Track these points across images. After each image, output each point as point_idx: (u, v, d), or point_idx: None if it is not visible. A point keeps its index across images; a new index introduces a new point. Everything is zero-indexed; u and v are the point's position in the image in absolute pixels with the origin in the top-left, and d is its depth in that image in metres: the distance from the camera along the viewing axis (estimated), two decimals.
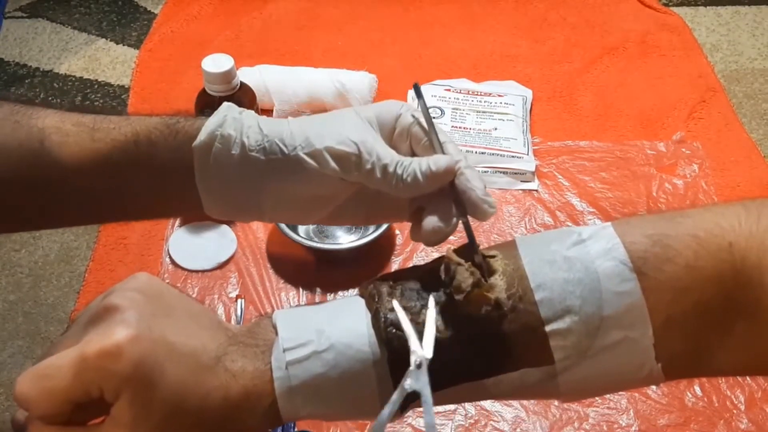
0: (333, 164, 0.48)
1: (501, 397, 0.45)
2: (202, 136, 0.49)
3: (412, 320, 0.43)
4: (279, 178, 0.50)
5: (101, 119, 0.53)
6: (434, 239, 0.48)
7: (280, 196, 0.51)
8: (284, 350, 0.42)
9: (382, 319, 0.43)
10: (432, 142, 0.50)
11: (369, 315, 0.44)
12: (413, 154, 0.51)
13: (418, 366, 0.41)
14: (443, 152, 0.50)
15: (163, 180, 0.51)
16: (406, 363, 0.42)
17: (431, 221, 0.48)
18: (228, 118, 0.50)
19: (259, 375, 0.42)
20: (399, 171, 0.48)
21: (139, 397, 0.39)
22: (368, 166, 0.48)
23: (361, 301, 0.45)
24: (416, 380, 0.41)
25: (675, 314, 0.42)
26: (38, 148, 0.51)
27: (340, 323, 0.43)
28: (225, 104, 0.52)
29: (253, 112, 0.52)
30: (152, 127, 0.51)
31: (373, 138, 0.49)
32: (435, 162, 0.48)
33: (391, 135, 0.51)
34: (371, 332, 0.43)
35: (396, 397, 0.41)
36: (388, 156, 0.48)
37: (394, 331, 0.42)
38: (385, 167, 0.48)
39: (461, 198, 0.48)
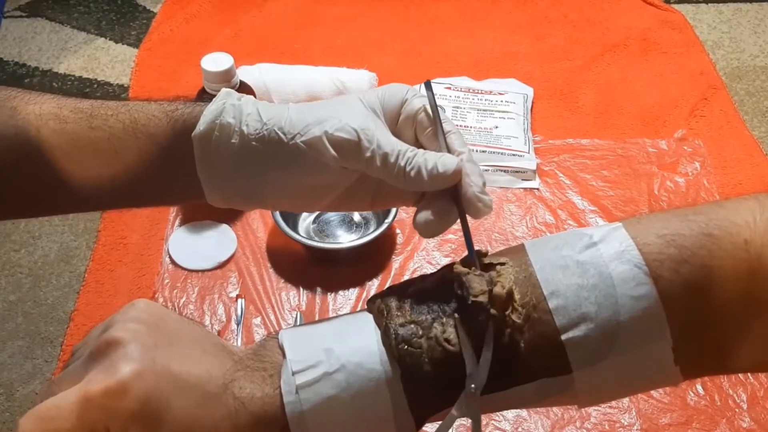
0: (332, 152, 0.47)
1: (517, 407, 0.44)
2: (201, 126, 0.49)
3: (423, 335, 0.41)
4: (279, 167, 0.49)
5: (99, 105, 0.52)
6: (428, 233, 0.47)
7: (282, 185, 0.50)
8: (293, 373, 0.41)
9: (393, 335, 0.41)
10: (437, 133, 0.49)
11: (378, 331, 0.42)
12: (417, 142, 0.50)
13: (473, 392, 0.40)
14: (447, 144, 0.48)
15: (163, 169, 0.51)
16: (420, 380, 0.40)
17: (423, 215, 0.47)
18: (227, 105, 0.50)
19: (268, 401, 0.41)
20: (401, 162, 0.47)
21: None
22: (368, 154, 0.47)
23: (369, 317, 0.43)
24: (467, 405, 0.40)
25: (693, 316, 0.41)
26: (35, 135, 0.50)
27: (350, 341, 0.42)
28: (224, 90, 0.51)
29: (252, 97, 0.51)
30: (150, 114, 0.51)
31: (374, 125, 0.48)
32: (443, 164, 0.46)
33: (396, 120, 0.50)
34: (382, 349, 0.41)
35: (447, 422, 0.40)
36: (389, 145, 0.47)
37: (406, 347, 0.41)
38: (385, 156, 0.47)
39: (458, 192, 0.47)
